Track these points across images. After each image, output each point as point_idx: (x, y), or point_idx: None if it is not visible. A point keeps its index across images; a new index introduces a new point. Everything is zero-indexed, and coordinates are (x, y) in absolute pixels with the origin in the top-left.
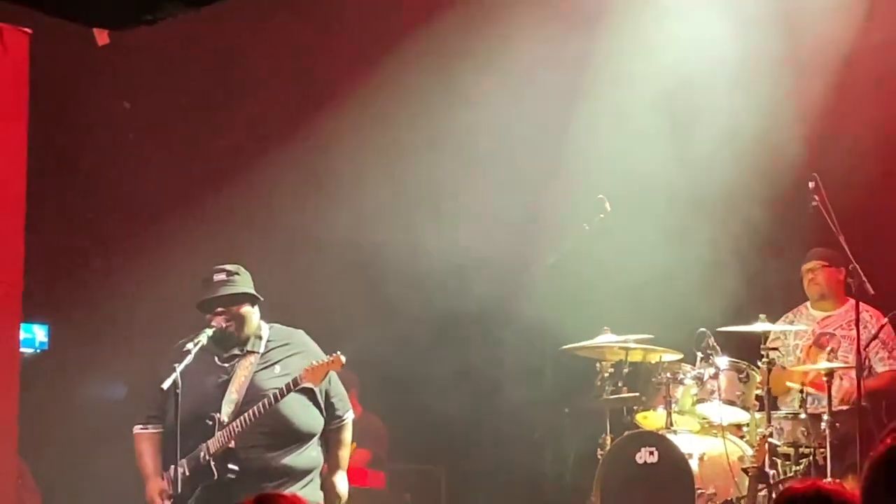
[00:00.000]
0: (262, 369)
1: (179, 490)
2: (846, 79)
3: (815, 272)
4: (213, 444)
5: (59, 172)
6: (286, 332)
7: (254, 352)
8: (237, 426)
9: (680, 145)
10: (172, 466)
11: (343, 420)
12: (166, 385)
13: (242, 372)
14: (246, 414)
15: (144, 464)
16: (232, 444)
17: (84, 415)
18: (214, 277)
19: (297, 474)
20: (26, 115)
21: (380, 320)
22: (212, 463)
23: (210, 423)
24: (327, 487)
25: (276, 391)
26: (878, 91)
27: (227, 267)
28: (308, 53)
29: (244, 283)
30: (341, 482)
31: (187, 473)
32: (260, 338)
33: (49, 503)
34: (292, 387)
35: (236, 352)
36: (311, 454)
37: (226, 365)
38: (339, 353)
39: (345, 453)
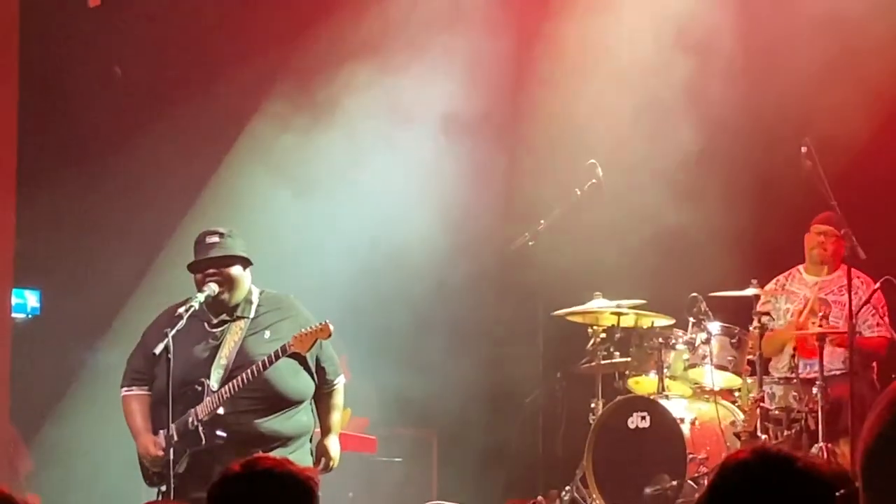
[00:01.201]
0: (251, 335)
1: (171, 456)
2: (839, 44)
3: (828, 238)
4: (202, 409)
5: (51, 137)
6: (276, 297)
7: (244, 317)
8: (226, 392)
9: (674, 111)
10: (161, 431)
11: (334, 385)
12: (158, 350)
13: (232, 337)
14: (235, 380)
15: (134, 421)
16: (221, 411)
17: (76, 380)
18: (207, 239)
19: (287, 439)
20: (16, 77)
21: (371, 285)
22: (200, 429)
23: (199, 388)
24: (319, 451)
25: (265, 358)
26: (872, 56)
27: (220, 229)
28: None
29: (237, 245)
30: (333, 445)
31: (176, 439)
32: (250, 302)
33: (40, 468)
34: (280, 354)
35: (226, 317)
36: (301, 419)
37: (215, 330)
38: (327, 321)
39: (336, 417)
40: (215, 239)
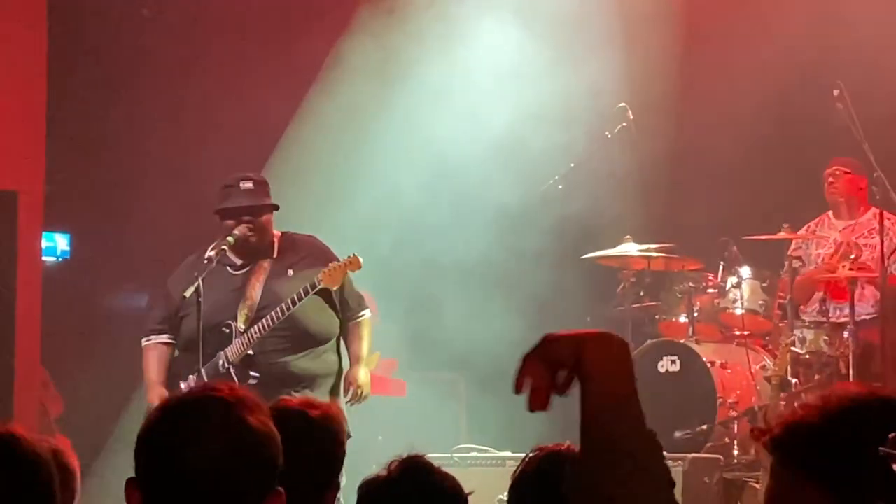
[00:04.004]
0: (275, 275)
1: None
2: None
3: (836, 178)
4: (232, 351)
5: (82, 78)
6: (297, 237)
7: (266, 258)
8: (255, 332)
9: (703, 56)
10: (191, 376)
11: (359, 316)
12: (188, 293)
13: (256, 279)
14: (263, 320)
15: (148, 373)
16: (250, 351)
17: (105, 323)
18: (241, 185)
19: (317, 379)
20: (45, 20)
21: (397, 227)
22: (231, 370)
23: (227, 331)
24: (347, 380)
25: (294, 295)
26: None
27: (253, 176)
28: None
29: (269, 193)
30: (361, 373)
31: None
32: (272, 244)
33: (70, 410)
34: (310, 290)
35: (249, 260)
36: (328, 358)
37: (239, 273)
38: (355, 253)
39: (363, 347)
40: (250, 185)
